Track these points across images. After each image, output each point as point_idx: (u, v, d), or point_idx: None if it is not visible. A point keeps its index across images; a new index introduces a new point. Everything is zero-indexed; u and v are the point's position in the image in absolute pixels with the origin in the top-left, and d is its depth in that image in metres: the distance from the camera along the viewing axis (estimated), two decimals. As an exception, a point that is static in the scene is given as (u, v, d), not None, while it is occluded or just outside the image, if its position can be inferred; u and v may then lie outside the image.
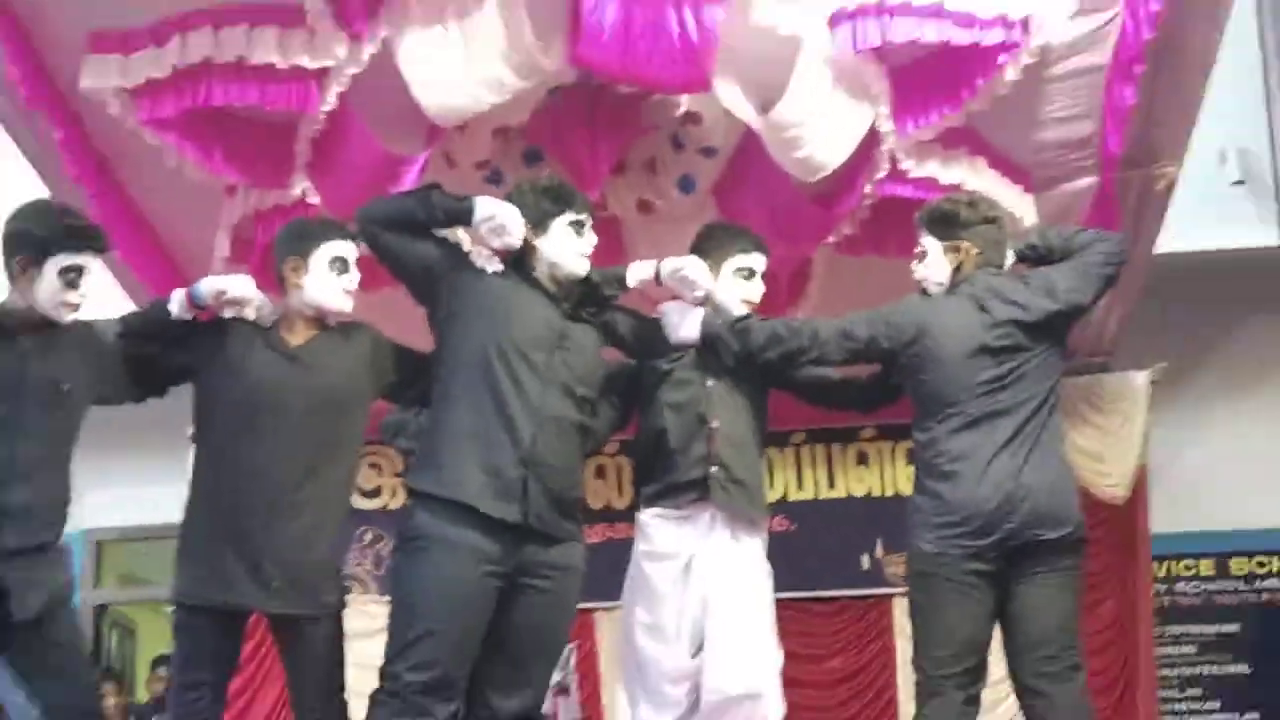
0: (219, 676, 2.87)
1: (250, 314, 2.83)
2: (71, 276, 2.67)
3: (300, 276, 2.79)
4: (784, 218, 3.85)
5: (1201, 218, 4.98)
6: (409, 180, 3.53)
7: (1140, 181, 4.05)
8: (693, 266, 2.94)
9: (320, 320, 2.84)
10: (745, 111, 3.41)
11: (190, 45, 3.16)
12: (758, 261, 3.10)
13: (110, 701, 5.29)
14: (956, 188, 3.49)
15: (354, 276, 2.86)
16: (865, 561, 5.13)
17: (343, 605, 2.98)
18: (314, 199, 3.54)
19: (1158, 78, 3.59)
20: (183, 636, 2.88)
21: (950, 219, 3.02)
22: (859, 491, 5.21)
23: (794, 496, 5.24)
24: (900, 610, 4.62)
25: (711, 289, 2.98)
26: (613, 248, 3.82)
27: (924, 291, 3.03)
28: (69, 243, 2.68)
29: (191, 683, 2.82)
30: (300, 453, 2.83)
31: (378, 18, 3.14)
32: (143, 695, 6.34)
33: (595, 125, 3.76)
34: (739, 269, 3.05)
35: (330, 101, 3.28)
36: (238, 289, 2.81)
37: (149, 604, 6.83)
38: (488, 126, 3.66)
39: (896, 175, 3.56)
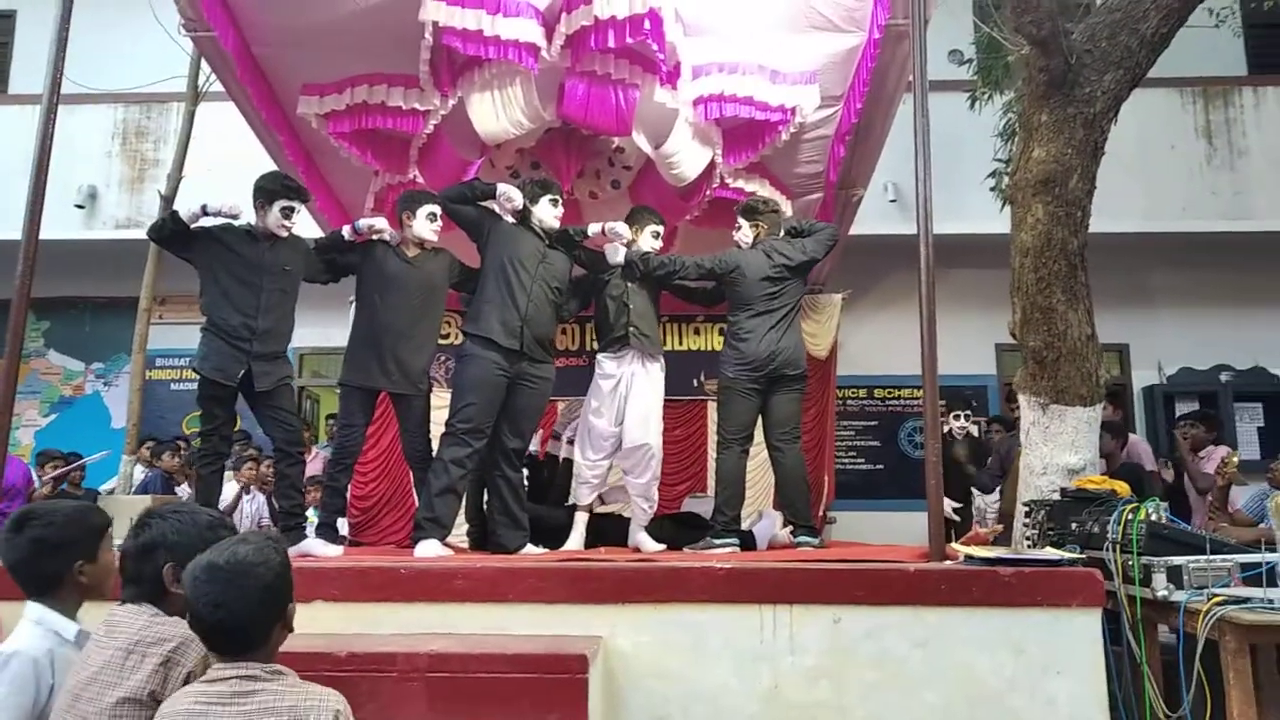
0: (363, 422, 4.56)
1: (386, 238, 4.51)
2: (287, 212, 4.27)
3: (410, 221, 4.50)
4: (664, 204, 5.33)
5: (872, 218, 7.01)
6: (470, 173, 5.09)
7: (844, 198, 5.86)
8: (621, 226, 4.75)
9: (422, 244, 4.56)
10: (647, 147, 4.96)
11: (356, 93, 4.77)
12: (661, 228, 4.92)
13: (305, 435, 6.65)
14: (754, 194, 5.22)
15: (439, 223, 4.56)
16: (695, 383, 6.78)
17: (429, 390, 4.70)
18: (420, 180, 5.09)
19: (856, 143, 5.37)
20: (344, 402, 4.56)
21: (754, 209, 4.89)
22: (694, 347, 6.79)
23: (665, 348, 6.36)
24: (710, 408, 6.54)
25: (630, 237, 4.77)
26: (575, 216, 5.47)
27: (739, 246, 4.85)
28: (286, 193, 4.30)
29: (346, 425, 4.51)
30: (413, 311, 4.51)
31: (456, 85, 4.72)
32: (322, 437, 7.97)
33: (569, 149, 5.28)
34: (653, 232, 4.87)
35: (430, 127, 4.87)
36: (380, 224, 4.51)
37: (325, 387, 8.61)
38: (513, 147, 5.27)
39: (723, 186, 5.28)
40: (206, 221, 4.27)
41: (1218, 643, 2.83)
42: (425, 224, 4.54)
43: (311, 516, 6.62)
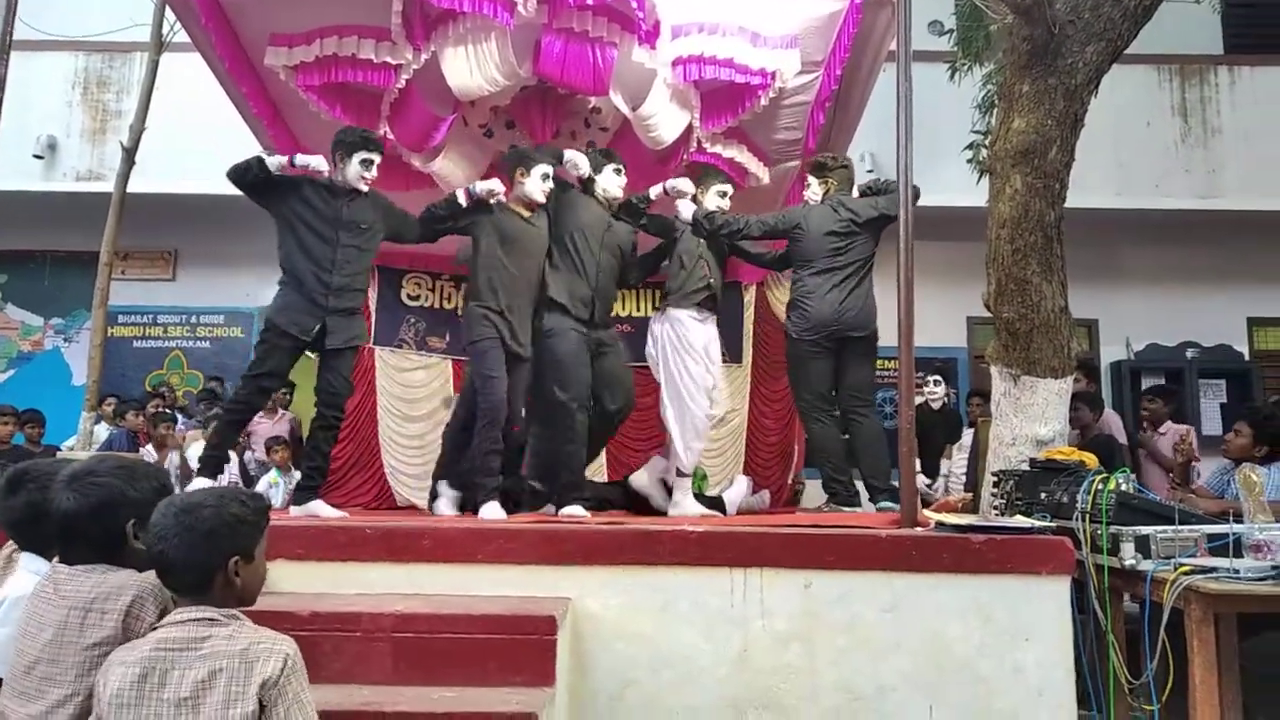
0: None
1: (500, 199, 4.44)
2: (367, 164, 4.26)
3: (524, 179, 4.46)
4: (640, 168, 5.16)
5: None
6: (442, 130, 4.96)
7: (822, 165, 5.62)
8: (683, 182, 4.76)
9: (530, 205, 4.53)
10: (624, 108, 4.85)
11: (326, 45, 4.58)
12: (729, 188, 4.92)
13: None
14: (730, 161, 5.17)
15: (550, 184, 4.47)
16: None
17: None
18: (390, 135, 4.91)
19: (836, 111, 5.33)
20: (489, 357, 4.34)
21: (822, 165, 4.88)
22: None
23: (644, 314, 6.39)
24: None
25: (693, 191, 4.77)
26: None
27: (806, 203, 4.87)
28: (365, 145, 4.28)
29: (494, 378, 4.31)
30: (529, 270, 4.48)
31: (429, 39, 4.58)
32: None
33: (545, 109, 5.17)
34: (719, 191, 4.87)
35: (401, 82, 4.71)
36: (498, 187, 4.44)
37: None
38: (487, 104, 5.13)
39: (700, 150, 5.16)
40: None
41: (1182, 612, 2.85)
42: (538, 184, 4.49)
43: (275, 478, 6.60)
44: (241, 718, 1.74)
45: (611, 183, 4.64)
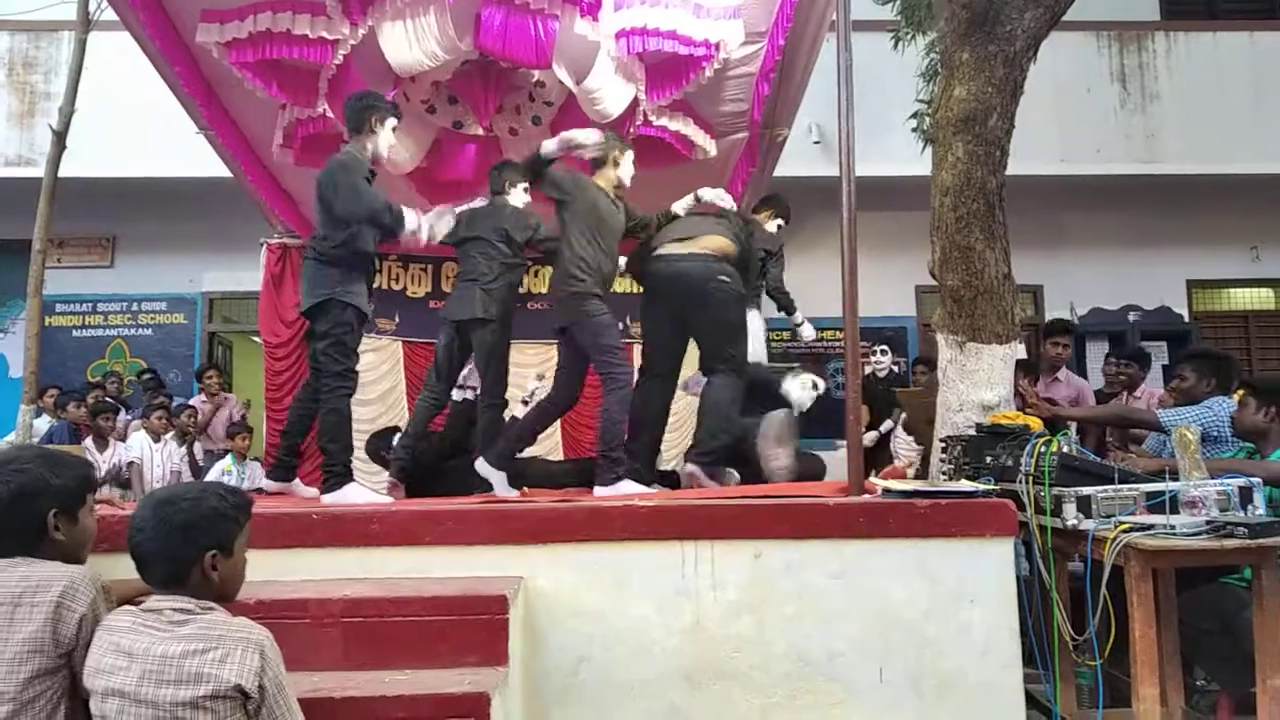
0: None
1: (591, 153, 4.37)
2: (394, 130, 4.12)
3: (622, 159, 4.46)
4: None
5: (796, 160, 6.90)
6: (382, 107, 5.11)
7: (768, 138, 5.77)
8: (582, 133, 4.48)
9: (619, 186, 4.49)
10: (569, 81, 4.88)
11: (259, 20, 4.53)
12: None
13: (215, 381, 6.84)
14: (677, 134, 5.21)
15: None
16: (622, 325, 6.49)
17: None
18: (330, 114, 4.90)
19: (781, 81, 5.31)
20: (606, 322, 4.28)
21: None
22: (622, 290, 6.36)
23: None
24: (637, 352, 5.79)
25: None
26: (495, 153, 5.40)
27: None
28: (393, 109, 4.14)
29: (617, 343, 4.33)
30: (612, 249, 4.38)
31: (366, 13, 4.55)
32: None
33: (488, 83, 5.14)
34: (778, 224, 5.16)
35: (339, 58, 4.68)
36: (587, 138, 4.34)
37: (238, 333, 8.10)
38: (428, 79, 5.10)
39: (646, 123, 5.18)
40: None
41: (1122, 569, 2.92)
42: (629, 169, 4.47)
43: (229, 465, 6.49)
44: (213, 694, 1.74)
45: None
